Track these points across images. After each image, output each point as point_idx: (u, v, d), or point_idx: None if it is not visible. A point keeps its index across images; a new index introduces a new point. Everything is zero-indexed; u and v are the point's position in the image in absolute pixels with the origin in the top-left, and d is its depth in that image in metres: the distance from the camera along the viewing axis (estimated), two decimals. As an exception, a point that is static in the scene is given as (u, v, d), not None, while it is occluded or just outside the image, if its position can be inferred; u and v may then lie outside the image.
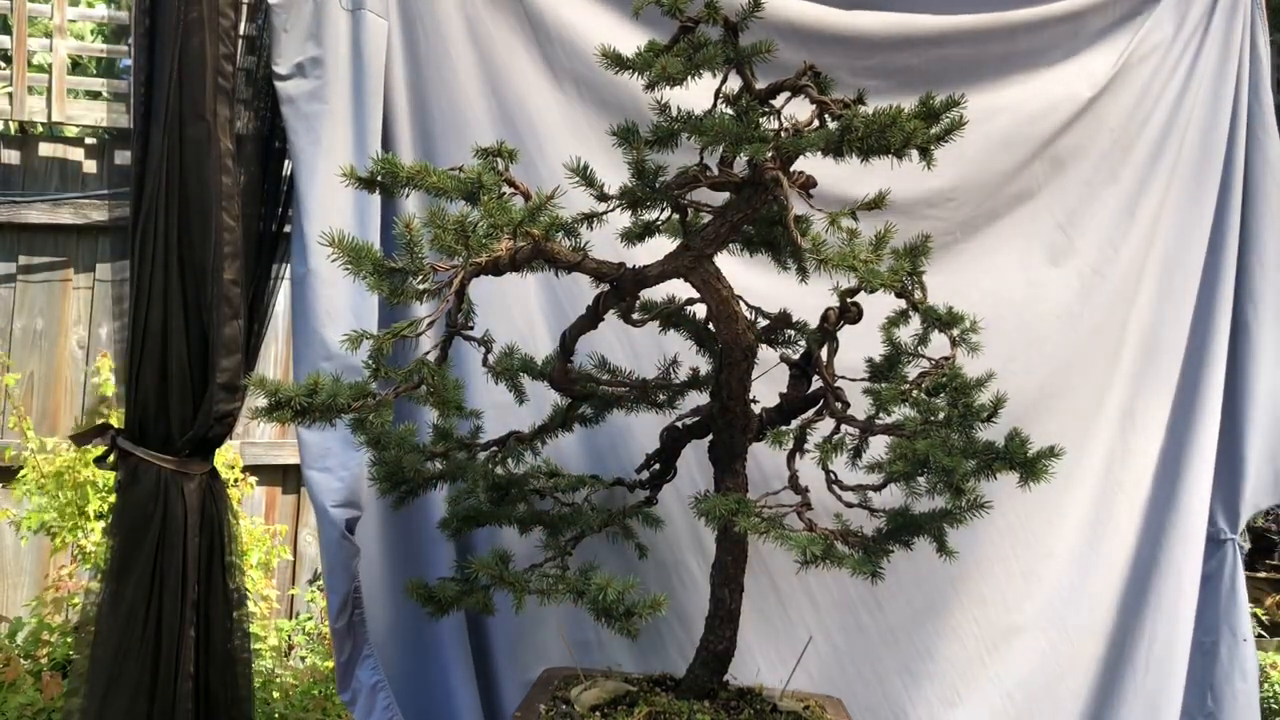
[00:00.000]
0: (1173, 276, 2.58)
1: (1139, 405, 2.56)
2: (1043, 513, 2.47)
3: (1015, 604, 2.47)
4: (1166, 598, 2.50)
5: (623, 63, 1.53)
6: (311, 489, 2.04)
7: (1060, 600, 2.50)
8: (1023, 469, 1.53)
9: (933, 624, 2.43)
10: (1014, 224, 2.52)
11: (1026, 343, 2.47)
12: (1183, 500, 2.52)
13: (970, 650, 2.45)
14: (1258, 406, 2.55)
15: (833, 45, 2.35)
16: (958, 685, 2.44)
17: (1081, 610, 2.51)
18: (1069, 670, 2.50)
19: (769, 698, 1.87)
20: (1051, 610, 2.50)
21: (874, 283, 1.55)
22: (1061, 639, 2.50)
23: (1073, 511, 2.50)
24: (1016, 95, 2.50)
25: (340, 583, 2.05)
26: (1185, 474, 2.53)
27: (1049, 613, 2.49)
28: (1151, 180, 2.57)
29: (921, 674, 2.43)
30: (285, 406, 1.54)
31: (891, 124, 1.40)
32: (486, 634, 2.27)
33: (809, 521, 1.62)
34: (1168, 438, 2.56)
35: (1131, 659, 2.50)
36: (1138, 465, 2.55)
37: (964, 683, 2.44)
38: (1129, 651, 2.51)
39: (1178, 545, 2.51)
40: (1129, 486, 2.54)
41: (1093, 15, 2.55)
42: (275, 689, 3.01)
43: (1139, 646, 2.50)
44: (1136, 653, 2.50)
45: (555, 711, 1.74)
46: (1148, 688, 2.48)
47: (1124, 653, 2.51)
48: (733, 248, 1.77)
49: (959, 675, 2.44)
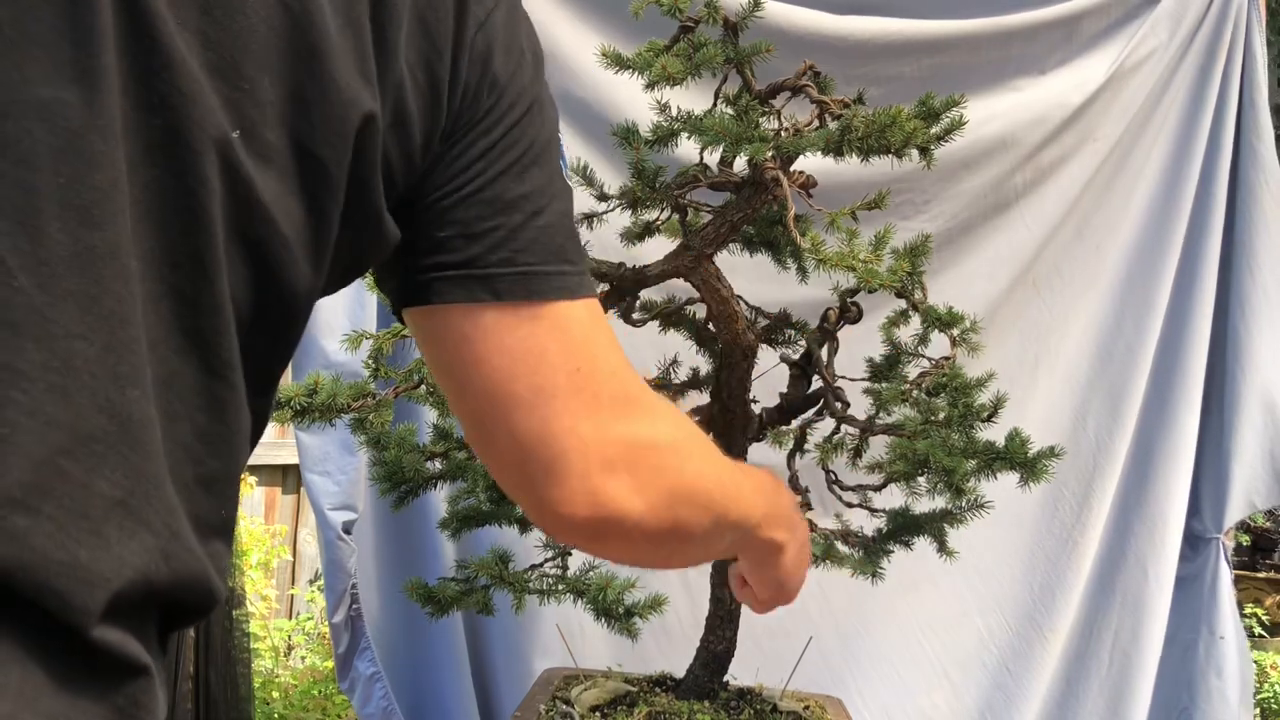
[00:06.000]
0: (1135, 284, 2.59)
1: (1091, 410, 2.59)
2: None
3: (956, 594, 2.52)
4: (1132, 593, 2.55)
5: (623, 63, 1.53)
6: (311, 491, 2.14)
7: (1011, 594, 2.55)
8: (1023, 469, 1.53)
9: (871, 609, 2.47)
10: (988, 233, 2.54)
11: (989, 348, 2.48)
12: (1151, 501, 2.58)
13: (911, 636, 2.51)
14: (1249, 410, 2.58)
15: (825, 51, 2.34)
16: (900, 670, 2.49)
17: (1036, 605, 2.56)
18: (1026, 663, 2.54)
19: (769, 698, 1.87)
20: (1002, 603, 2.55)
21: (874, 283, 1.55)
22: (1014, 632, 2.55)
23: (1018, 510, 2.53)
24: (1009, 103, 2.50)
25: (338, 580, 2.14)
26: (1154, 476, 2.58)
27: (999, 605, 2.55)
28: (1119, 187, 2.58)
29: (864, 658, 2.48)
30: (285, 406, 1.55)
31: (892, 124, 1.41)
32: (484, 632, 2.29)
33: (809, 521, 1.62)
34: (1134, 442, 2.60)
35: (1096, 653, 2.56)
36: (1091, 467, 2.58)
37: (906, 667, 2.50)
38: (1094, 645, 2.56)
39: (1146, 544, 2.56)
40: (1079, 487, 2.58)
41: (1087, 20, 2.55)
42: (275, 689, 3.01)
43: (1103, 641, 2.56)
44: (1101, 647, 2.55)
45: (555, 711, 1.75)
46: (1111, 682, 2.54)
47: (1088, 647, 2.56)
48: (732, 247, 1.77)
49: (901, 660, 2.50)
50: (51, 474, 0.51)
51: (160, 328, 0.56)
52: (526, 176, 0.67)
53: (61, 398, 0.51)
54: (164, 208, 0.55)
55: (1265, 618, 4.04)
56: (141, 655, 0.54)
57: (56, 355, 0.51)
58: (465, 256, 0.66)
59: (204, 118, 0.56)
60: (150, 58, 0.54)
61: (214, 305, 0.57)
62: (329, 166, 0.60)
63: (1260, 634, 3.95)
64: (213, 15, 0.56)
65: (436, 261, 0.66)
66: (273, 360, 0.65)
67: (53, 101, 0.51)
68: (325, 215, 0.61)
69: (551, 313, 0.67)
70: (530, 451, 0.68)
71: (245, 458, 0.63)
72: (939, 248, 2.46)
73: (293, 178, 0.59)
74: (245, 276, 0.59)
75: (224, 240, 0.57)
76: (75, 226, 0.52)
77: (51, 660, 0.50)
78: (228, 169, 0.57)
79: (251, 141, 0.58)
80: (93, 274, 0.52)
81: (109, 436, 0.53)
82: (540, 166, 0.68)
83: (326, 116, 0.59)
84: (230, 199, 0.57)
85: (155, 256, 0.55)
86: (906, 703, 2.50)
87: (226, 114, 0.57)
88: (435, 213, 0.66)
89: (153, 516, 0.54)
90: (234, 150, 0.57)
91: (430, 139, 0.65)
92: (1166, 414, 2.59)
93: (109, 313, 0.53)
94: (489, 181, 0.66)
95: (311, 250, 0.61)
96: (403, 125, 0.63)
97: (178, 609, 0.58)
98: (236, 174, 0.57)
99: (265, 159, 0.58)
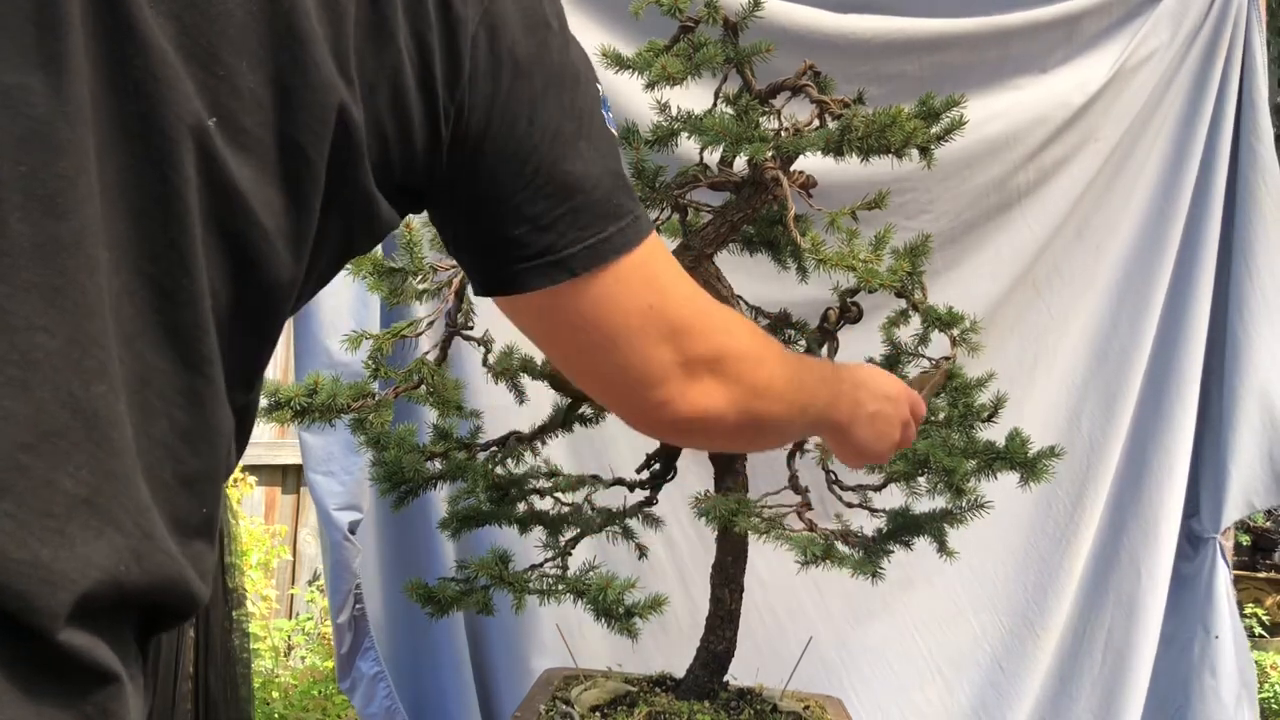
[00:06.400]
0: (1131, 283, 2.59)
1: (1085, 409, 2.59)
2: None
3: (950, 591, 2.53)
4: (1125, 592, 2.55)
5: (623, 62, 1.53)
6: (315, 492, 2.12)
7: (1004, 592, 2.56)
8: (1023, 469, 1.53)
9: (865, 604, 2.48)
10: (989, 233, 2.54)
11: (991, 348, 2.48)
12: (1146, 500, 2.57)
13: (903, 631, 2.51)
14: (1247, 410, 2.58)
15: (826, 50, 2.34)
16: (894, 667, 2.50)
17: (1030, 603, 2.56)
18: (1019, 661, 2.55)
19: (769, 698, 1.87)
20: (996, 601, 2.55)
21: (874, 283, 1.55)
22: (1008, 629, 2.55)
23: (1014, 508, 2.52)
24: (1010, 102, 2.50)
25: (343, 581, 2.13)
26: (1149, 476, 2.58)
27: (992, 603, 2.55)
28: (1118, 187, 2.58)
29: (859, 654, 2.49)
30: (285, 407, 1.55)
31: (892, 123, 1.41)
32: (485, 633, 2.29)
33: (809, 521, 1.62)
34: (1129, 442, 2.59)
35: (1089, 651, 2.56)
36: (1085, 467, 2.58)
37: (900, 663, 2.50)
38: (1086, 644, 2.56)
39: (1140, 543, 2.56)
40: (1073, 486, 2.58)
41: (1088, 19, 2.54)
42: (275, 689, 3.01)
43: (1096, 639, 2.56)
44: (1094, 645, 2.56)
45: (555, 711, 1.74)
46: (1104, 681, 2.54)
47: (1081, 645, 2.57)
48: (732, 247, 1.77)
49: (895, 656, 2.51)
50: (10, 469, 0.49)
51: (136, 321, 0.54)
52: (580, 151, 0.70)
53: (21, 391, 0.49)
54: (138, 197, 0.54)
55: (1265, 618, 4.04)
56: (112, 662, 0.53)
57: (16, 348, 0.50)
58: (540, 247, 0.69)
59: (180, 104, 0.54)
60: (124, 43, 0.53)
61: (192, 299, 0.56)
62: (309, 154, 0.59)
63: (1260, 634, 3.95)
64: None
65: (515, 255, 0.70)
66: (255, 355, 0.63)
67: (15, 88, 0.50)
68: (306, 204, 0.60)
69: (617, 267, 0.72)
70: (624, 375, 0.76)
71: (230, 456, 0.62)
72: (942, 247, 2.47)
73: (273, 166, 0.58)
74: (224, 269, 0.57)
75: (202, 231, 0.55)
76: (39, 216, 0.50)
77: (15, 665, 0.48)
78: (204, 157, 0.55)
79: (229, 129, 0.56)
80: (56, 265, 0.51)
81: (72, 432, 0.51)
82: (587, 139, 0.70)
83: (307, 103, 0.58)
84: (207, 188, 0.55)
85: (130, 247, 0.54)
86: (901, 699, 2.50)
87: (203, 100, 0.55)
88: (507, 209, 0.69)
89: (122, 516, 0.53)
90: (210, 138, 0.55)
91: (436, 123, 0.64)
92: (1161, 414, 2.59)
93: (73, 305, 0.51)
94: (548, 170, 0.68)
95: (292, 241, 0.60)
96: (401, 108, 0.62)
97: (156, 613, 0.57)
98: (213, 162, 0.55)
99: (243, 147, 0.56)
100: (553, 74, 0.69)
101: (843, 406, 1.01)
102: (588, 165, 0.70)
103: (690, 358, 0.77)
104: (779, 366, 0.87)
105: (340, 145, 0.60)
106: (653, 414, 0.79)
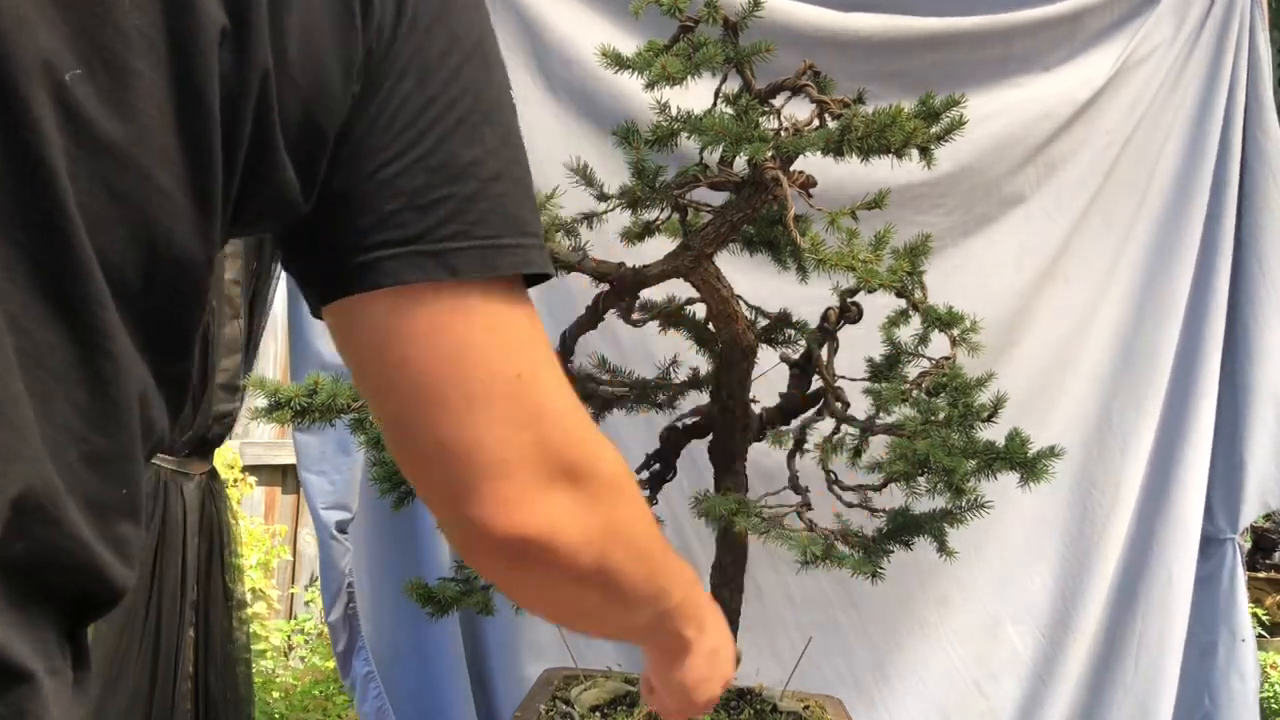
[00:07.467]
0: (1155, 281, 2.57)
1: (1115, 408, 2.56)
2: (1014, 515, 2.46)
3: (988, 603, 2.50)
4: (1156, 597, 2.52)
5: (623, 62, 1.53)
6: (307, 490, 2.18)
7: (1042, 601, 2.52)
8: (1023, 469, 1.53)
9: (904, 622, 2.46)
10: (1004, 228, 2.52)
11: (1004, 346, 2.47)
12: (1173, 501, 2.53)
13: (941, 648, 2.48)
14: (1261, 408, 2.55)
15: (829, 48, 2.33)
16: (928, 682, 2.47)
17: (1067, 611, 2.53)
18: (1055, 671, 2.51)
19: (769, 698, 1.86)
20: (1034, 610, 2.52)
21: (874, 282, 1.55)
22: (1046, 639, 2.52)
23: (1049, 514, 2.52)
24: (1014, 98, 2.49)
25: (332, 579, 2.17)
26: (1175, 476, 2.54)
27: (1030, 613, 2.52)
28: (1134, 184, 2.57)
29: (891, 671, 2.46)
30: (285, 407, 1.55)
31: (891, 123, 1.40)
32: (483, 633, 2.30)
33: (809, 521, 1.62)
34: (1157, 441, 2.56)
35: (1121, 658, 2.52)
36: (1119, 467, 2.56)
37: (934, 680, 2.47)
38: (1119, 651, 2.52)
39: (1169, 545, 2.52)
40: (1109, 488, 2.55)
41: (1090, 16, 2.54)
42: (275, 689, 3.01)
43: (1128, 646, 2.52)
44: (1126, 652, 2.52)
45: (555, 711, 1.74)
46: (1138, 687, 2.50)
47: (1114, 651, 2.53)
48: (732, 247, 1.77)
49: (929, 672, 2.47)
50: None
51: (18, 297, 0.49)
52: (477, 137, 0.59)
53: None
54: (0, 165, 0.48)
55: (1265, 618, 4.04)
56: (24, 658, 0.49)
57: None
58: (415, 231, 0.58)
59: (32, 53, 0.47)
60: None
61: (78, 270, 0.50)
62: (207, 98, 0.52)
63: (1260, 634, 3.95)
64: None
65: (382, 239, 0.58)
66: (180, 321, 0.57)
67: None
68: (209, 152, 0.53)
69: (505, 295, 0.61)
70: (458, 458, 0.61)
71: (154, 431, 0.57)
72: (955, 242, 2.46)
73: (168, 114, 0.52)
74: (120, 233, 0.52)
75: (82, 196, 0.50)
76: None
77: None
78: (67, 113, 0.49)
79: (108, 75, 0.50)
80: None
81: None
82: (491, 126, 0.60)
83: (205, 44, 0.51)
84: (75, 148, 0.49)
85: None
86: (930, 711, 2.48)
87: (74, 45, 0.49)
88: (378, 183, 0.58)
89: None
90: (68, 92, 0.49)
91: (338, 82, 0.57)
92: (1187, 413, 2.55)
93: None
94: (436, 144, 0.58)
95: (198, 195, 0.54)
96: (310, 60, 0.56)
97: (80, 601, 0.54)
98: (79, 118, 0.49)
99: (125, 97, 0.50)
100: (455, 42, 0.60)
101: (692, 620, 0.84)
102: (488, 154, 0.60)
103: (551, 454, 0.62)
104: (647, 522, 0.73)
105: (235, 92, 0.54)
106: (484, 515, 0.62)
